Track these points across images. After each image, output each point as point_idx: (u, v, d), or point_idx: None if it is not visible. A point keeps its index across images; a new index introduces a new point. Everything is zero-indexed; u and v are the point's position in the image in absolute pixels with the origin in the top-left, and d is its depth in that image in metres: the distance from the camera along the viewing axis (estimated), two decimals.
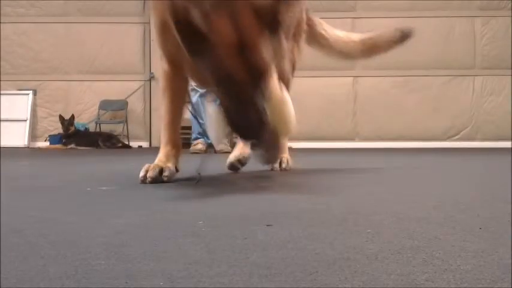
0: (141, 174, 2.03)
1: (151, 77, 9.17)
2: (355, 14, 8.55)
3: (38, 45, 9.49)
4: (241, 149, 2.63)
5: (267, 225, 1.11)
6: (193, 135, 5.72)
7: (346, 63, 8.34)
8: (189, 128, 5.68)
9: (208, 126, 1.93)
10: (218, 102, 1.77)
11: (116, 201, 1.62)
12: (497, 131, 8.32)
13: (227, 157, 2.68)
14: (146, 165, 2.08)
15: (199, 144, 5.41)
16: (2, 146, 8.18)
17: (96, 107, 9.38)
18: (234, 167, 2.62)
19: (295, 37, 2.79)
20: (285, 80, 2.82)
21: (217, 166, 2.72)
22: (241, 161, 2.62)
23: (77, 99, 9.51)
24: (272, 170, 2.78)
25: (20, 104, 9.39)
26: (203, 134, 5.12)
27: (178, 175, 2.16)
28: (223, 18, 1.56)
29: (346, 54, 3.06)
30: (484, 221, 1.19)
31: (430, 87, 8.52)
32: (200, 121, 5.47)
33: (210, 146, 4.98)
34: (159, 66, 2.30)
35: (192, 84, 4.99)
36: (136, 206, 1.52)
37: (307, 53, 2.91)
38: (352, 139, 8.41)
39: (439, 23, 8.51)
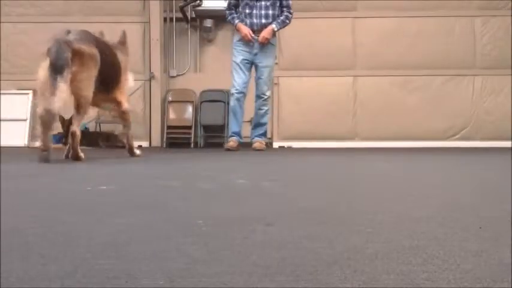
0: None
1: (151, 77, 9.17)
2: (356, 14, 8.54)
3: (38, 44, 9.47)
4: None
5: (267, 225, 1.11)
6: (229, 133, 6.21)
7: (346, 63, 8.35)
8: (190, 127, 5.80)
9: None
10: None
11: (116, 201, 1.62)
12: (497, 131, 8.30)
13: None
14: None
15: (231, 142, 5.90)
16: (2, 146, 8.18)
17: None
18: None
19: None
20: None
21: (217, 166, 2.72)
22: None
23: None
24: None
25: (20, 104, 9.39)
26: (237, 133, 5.86)
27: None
28: None
29: None
30: (484, 221, 1.19)
31: (430, 87, 8.50)
32: (237, 122, 6.04)
33: (241, 144, 5.83)
34: None
35: (232, 90, 5.80)
36: (136, 206, 1.52)
37: (307, 53, 2.89)
38: (352, 139, 8.40)
39: (439, 22, 8.49)
